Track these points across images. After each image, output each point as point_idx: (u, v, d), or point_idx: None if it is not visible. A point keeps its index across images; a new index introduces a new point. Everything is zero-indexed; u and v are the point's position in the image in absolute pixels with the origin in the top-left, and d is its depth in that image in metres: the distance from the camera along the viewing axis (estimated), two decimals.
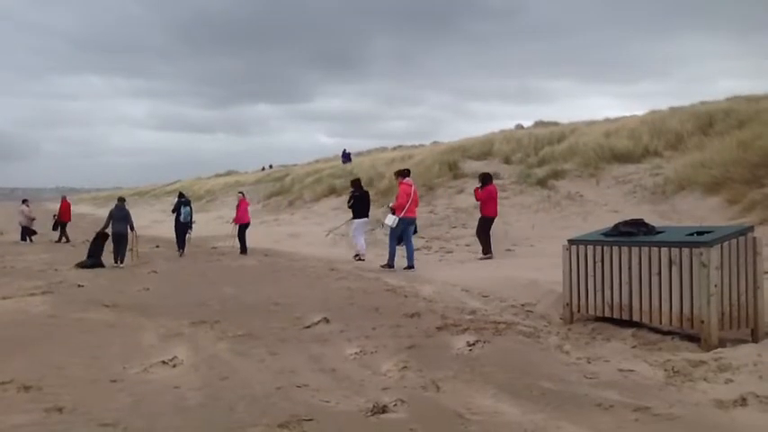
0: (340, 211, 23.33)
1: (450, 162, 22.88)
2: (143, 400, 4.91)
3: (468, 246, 14.86)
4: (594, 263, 7.20)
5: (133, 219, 15.81)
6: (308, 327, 7.48)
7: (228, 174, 72.35)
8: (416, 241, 15.98)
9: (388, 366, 5.76)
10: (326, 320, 7.67)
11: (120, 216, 15.33)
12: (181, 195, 19.48)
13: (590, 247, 7.30)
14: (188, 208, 18.28)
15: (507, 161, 21.66)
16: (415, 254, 13.48)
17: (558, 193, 17.52)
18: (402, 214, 12.46)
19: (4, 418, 4.50)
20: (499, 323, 7.38)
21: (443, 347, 6.44)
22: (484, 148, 23.85)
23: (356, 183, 15.37)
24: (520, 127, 33.07)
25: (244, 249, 17.66)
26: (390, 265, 12.61)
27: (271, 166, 63.09)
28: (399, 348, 6.37)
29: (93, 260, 14.49)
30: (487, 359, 5.97)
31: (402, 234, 12.71)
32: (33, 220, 23.79)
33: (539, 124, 32.00)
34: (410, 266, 12.54)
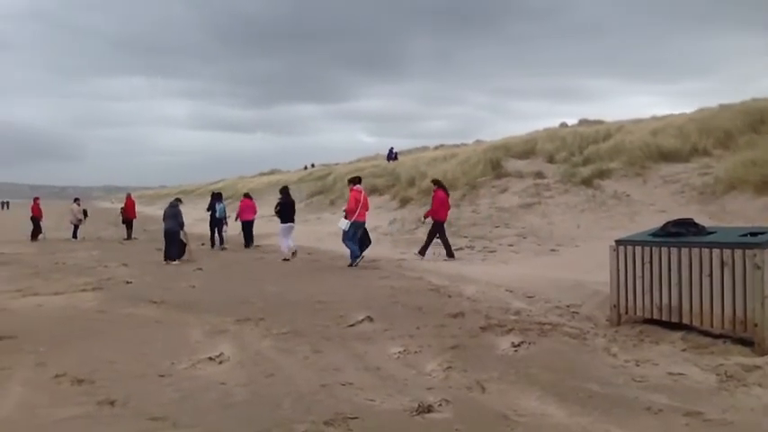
0: (383, 211, 23.38)
1: (494, 161, 22.69)
2: (190, 396, 4.99)
3: (511, 246, 14.73)
4: (643, 264, 7.06)
5: (183, 217, 16.17)
6: (352, 325, 7.51)
7: (272, 173, 73.10)
8: (459, 240, 15.97)
9: (432, 366, 5.75)
10: (370, 319, 7.69)
11: (171, 214, 15.70)
12: (215, 194, 20.66)
13: (638, 248, 7.15)
14: (222, 205, 19.81)
15: (551, 160, 21.37)
16: (459, 253, 14.17)
17: (604, 193, 17.22)
18: (353, 218, 13.39)
19: (60, 410, 4.63)
20: (544, 324, 7.30)
21: (488, 348, 6.40)
22: (527, 147, 23.59)
23: (284, 190, 16.44)
24: (564, 125, 32.60)
25: (248, 243, 19.35)
26: (353, 264, 13.36)
27: (313, 165, 63.53)
28: (443, 348, 6.35)
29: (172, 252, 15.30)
30: (533, 360, 5.91)
31: (353, 236, 13.56)
32: (81, 220, 24.36)
33: (583, 122, 31.51)
34: (353, 263, 13.40)
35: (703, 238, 6.70)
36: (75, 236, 23.71)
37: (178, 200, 17.12)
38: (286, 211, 15.61)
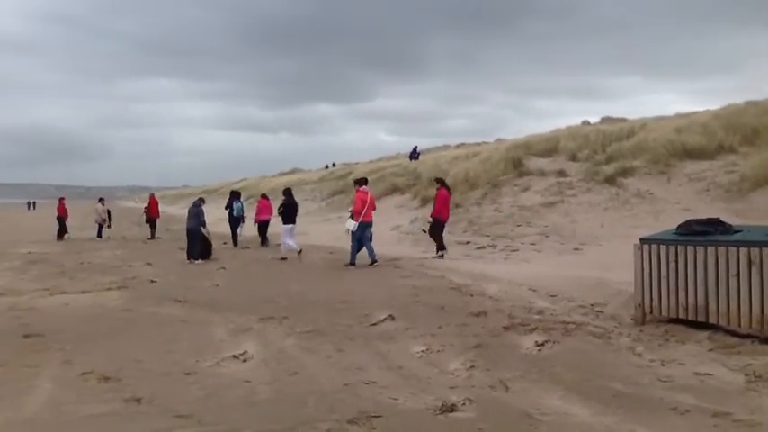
0: (404, 210, 23.37)
1: (515, 159, 22.56)
2: (215, 393, 5.03)
3: (533, 244, 14.65)
4: (668, 263, 6.98)
5: (205, 216, 16.33)
6: (374, 324, 7.52)
7: (293, 172, 73.38)
8: (481, 239, 15.94)
9: (455, 365, 5.75)
10: (392, 318, 7.70)
11: (193, 213, 15.86)
12: (233, 193, 21.04)
13: (663, 247, 7.08)
14: (240, 204, 20.12)
15: (573, 158, 21.19)
16: (480, 252, 14.33)
17: (627, 191, 17.05)
18: (360, 219, 13.42)
19: (86, 407, 4.70)
20: (568, 323, 7.26)
21: (511, 347, 6.38)
22: (549, 145, 23.41)
23: (287, 192, 16.70)
24: (586, 123, 32.34)
25: (263, 242, 19.61)
26: (352, 263, 13.41)
27: (334, 165, 63.67)
28: (466, 347, 6.34)
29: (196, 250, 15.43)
30: (556, 359, 5.87)
31: (361, 237, 13.55)
32: (105, 219, 24.61)
33: (606, 120, 31.25)
34: (373, 261, 13.37)
35: (730, 237, 6.62)
36: (99, 235, 23.98)
37: (201, 199, 17.28)
38: (289, 212, 15.82)
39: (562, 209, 16.93)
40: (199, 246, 15.49)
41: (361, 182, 14.55)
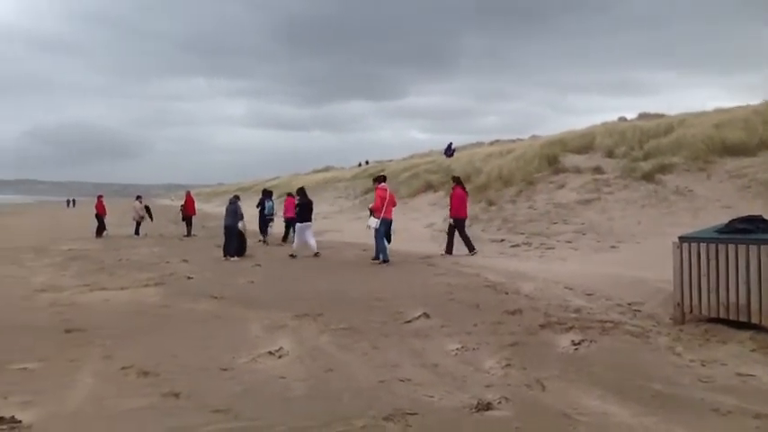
0: (437, 207, 23.29)
1: (550, 156, 22.32)
2: (251, 389, 5.09)
3: (569, 242, 14.49)
4: (708, 261, 6.85)
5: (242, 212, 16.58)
6: (409, 321, 7.52)
7: (326, 170, 73.69)
8: (516, 237, 15.82)
9: (490, 363, 5.72)
10: (427, 316, 7.69)
11: (230, 211, 16.07)
12: (265, 191, 21.53)
13: (703, 245, 6.95)
14: (271, 203, 20.56)
15: (610, 155, 20.87)
16: (515, 250, 14.31)
17: (666, 188, 16.75)
18: (381, 216, 13.70)
19: (127, 401, 4.79)
20: (605, 322, 7.17)
21: (547, 346, 6.33)
22: (585, 142, 23.09)
23: (301, 191, 16.83)
24: (623, 119, 31.81)
25: (285, 237, 20.10)
26: (385, 260, 13.57)
27: (367, 162, 63.79)
28: (501, 345, 6.31)
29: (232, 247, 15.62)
30: (594, 359, 5.81)
31: (384, 231, 13.82)
32: (143, 217, 24.99)
33: (643, 116, 30.69)
34: (385, 260, 13.58)
35: None
36: (137, 232, 24.36)
37: (237, 197, 17.45)
38: (304, 211, 16.09)
39: (599, 206, 16.70)
40: (235, 243, 15.68)
41: (380, 179, 14.77)
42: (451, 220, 15.02)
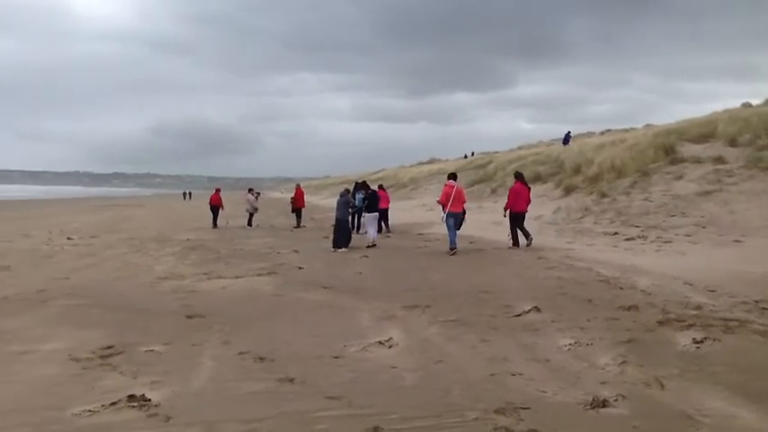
0: (546, 199, 22.81)
1: (666, 145, 21.32)
2: (363, 377, 5.18)
3: (688, 236, 13.80)
4: None
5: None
6: (519, 315, 7.40)
7: (431, 162, 73.73)
8: (630, 230, 15.27)
9: (605, 360, 5.55)
10: (537, 309, 7.55)
11: (341, 203, 16.43)
12: (358, 184, 21.56)
13: None
14: (361, 195, 20.38)
15: (733, 143, 19.65)
16: (629, 243, 13.93)
17: None
18: (447, 210, 14.50)
19: (245, 384, 5.00)
20: (729, 320, 6.78)
21: (666, 343, 6.06)
22: (705, 130, 21.86)
23: (364, 184, 18.45)
24: (747, 105, 29.90)
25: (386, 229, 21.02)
26: (453, 248, 14.22)
27: (473, 154, 63.31)
28: (617, 342, 6.10)
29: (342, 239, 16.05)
30: (717, 358, 5.51)
31: (452, 223, 14.45)
32: (256, 209, 25.89)
33: None
34: (451, 249, 14.30)
35: None
36: (249, 224, 25.27)
37: (347, 190, 17.82)
38: (372, 202, 17.31)
39: (720, 198, 15.79)
40: (345, 235, 16.01)
41: (451, 176, 15.46)
42: (504, 214, 15.67)
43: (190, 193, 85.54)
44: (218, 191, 26.83)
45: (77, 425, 4.20)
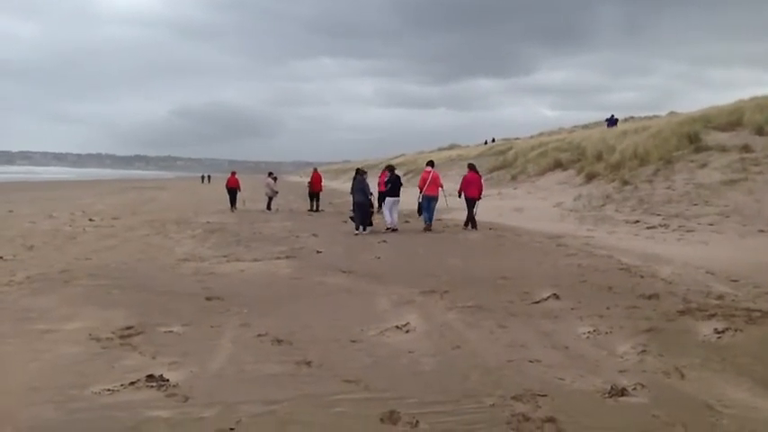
0: (567, 186, 22.68)
1: (691, 134, 21.02)
2: (381, 362, 5.18)
3: (711, 225, 13.63)
4: None
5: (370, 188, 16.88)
6: (537, 302, 7.36)
7: (451, 147, 73.42)
8: (652, 218, 15.13)
9: (624, 348, 5.50)
10: (556, 297, 7.50)
11: (358, 187, 16.33)
12: (391, 168, 21.09)
13: None
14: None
15: (760, 132, 19.32)
16: (651, 232, 13.90)
17: None
18: (423, 192, 16.65)
19: (263, 366, 5.02)
20: (753, 311, 6.69)
21: (686, 333, 6.00)
22: (731, 118, 21.49)
23: (391, 168, 18.30)
24: None
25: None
26: (427, 223, 16.53)
27: (493, 140, 62.93)
28: (636, 330, 6.05)
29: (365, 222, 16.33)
30: (740, 349, 5.44)
31: (427, 206, 16.62)
32: (276, 192, 25.95)
33: None
34: (427, 225, 16.52)
35: None
36: (269, 207, 25.35)
37: (362, 170, 17.69)
38: (394, 187, 17.38)
39: (745, 187, 15.55)
40: (367, 219, 16.02)
41: (429, 163, 17.82)
42: (459, 195, 17.08)
43: (209, 177, 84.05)
44: (233, 174, 27.01)
45: (97, 403, 4.24)
